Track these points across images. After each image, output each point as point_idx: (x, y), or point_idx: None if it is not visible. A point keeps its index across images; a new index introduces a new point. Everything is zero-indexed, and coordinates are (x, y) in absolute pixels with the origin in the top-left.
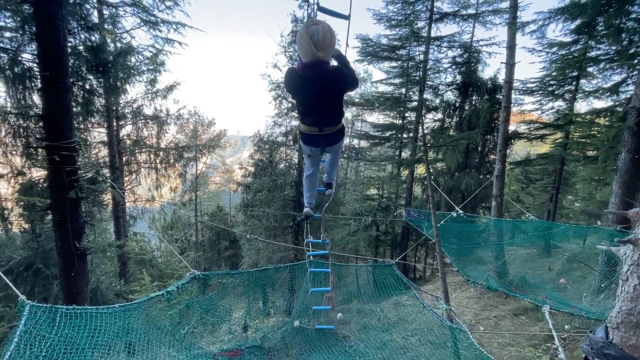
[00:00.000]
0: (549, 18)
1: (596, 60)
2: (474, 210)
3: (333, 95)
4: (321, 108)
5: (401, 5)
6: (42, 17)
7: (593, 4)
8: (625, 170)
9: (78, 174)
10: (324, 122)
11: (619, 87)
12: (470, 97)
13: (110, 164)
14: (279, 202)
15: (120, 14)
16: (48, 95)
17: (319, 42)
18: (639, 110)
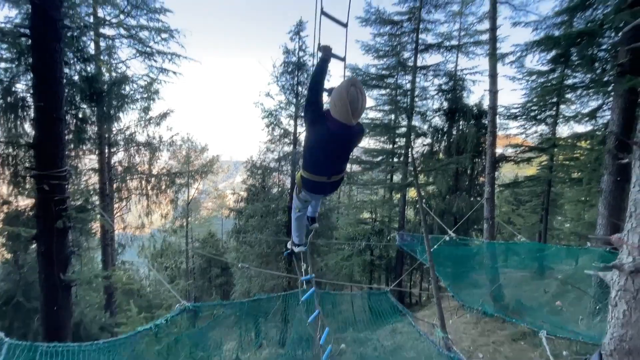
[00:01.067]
0: (526, 50)
1: (573, 88)
2: (467, 233)
3: (351, 150)
4: (339, 160)
5: (388, 38)
6: (39, 50)
7: (565, 38)
8: (609, 192)
9: (67, 202)
10: (335, 172)
11: (596, 112)
12: (457, 122)
13: (101, 191)
14: (272, 227)
15: (116, 45)
16: (41, 125)
17: (357, 110)
18: (617, 135)
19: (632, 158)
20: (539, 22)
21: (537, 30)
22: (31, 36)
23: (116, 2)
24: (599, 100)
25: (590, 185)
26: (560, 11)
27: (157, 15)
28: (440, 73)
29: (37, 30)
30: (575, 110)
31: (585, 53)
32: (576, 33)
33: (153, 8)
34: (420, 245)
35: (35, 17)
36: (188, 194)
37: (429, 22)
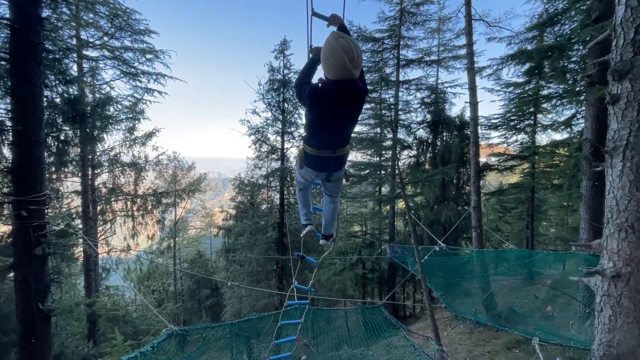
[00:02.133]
0: (501, 63)
1: (548, 98)
2: (456, 242)
3: (357, 114)
4: (345, 128)
5: (370, 54)
6: (18, 73)
7: (537, 51)
8: (589, 197)
9: (46, 228)
10: (341, 144)
11: (571, 121)
12: (441, 134)
13: (84, 214)
14: (262, 245)
15: (100, 67)
16: (19, 149)
17: (354, 59)
18: (592, 142)
19: (604, 166)
20: (512, 37)
21: (510, 45)
22: (10, 60)
23: (100, 25)
24: (573, 109)
25: (571, 191)
26: (531, 27)
27: (142, 37)
28: (422, 87)
29: (16, 54)
30: (552, 119)
31: (556, 65)
32: (547, 47)
33: (137, 30)
34: (411, 257)
35: (14, 41)
36: (175, 214)
37: (409, 39)
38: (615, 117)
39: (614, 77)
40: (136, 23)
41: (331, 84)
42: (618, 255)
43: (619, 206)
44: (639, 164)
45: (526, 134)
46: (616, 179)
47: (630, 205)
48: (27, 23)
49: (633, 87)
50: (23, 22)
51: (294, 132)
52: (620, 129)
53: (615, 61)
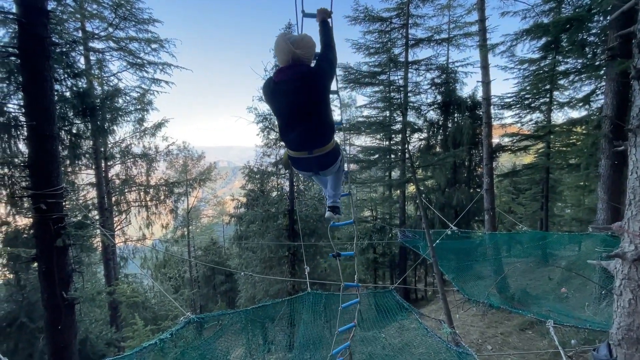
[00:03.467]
0: (516, 39)
1: (565, 74)
2: (468, 225)
3: (314, 98)
4: (304, 124)
5: (378, 35)
6: (28, 69)
7: (554, 25)
8: (608, 176)
9: (65, 220)
10: (312, 144)
11: (589, 97)
12: (452, 115)
13: (99, 206)
14: (273, 232)
15: (106, 59)
16: (34, 144)
17: (296, 40)
18: (612, 119)
19: (627, 145)
20: (527, 11)
21: (525, 19)
22: (20, 55)
23: (104, 16)
24: (592, 85)
25: (589, 171)
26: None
27: (146, 26)
28: (432, 67)
29: (26, 49)
30: (569, 96)
31: (575, 39)
32: (565, 19)
33: (141, 19)
34: (423, 241)
35: (22, 37)
36: (187, 203)
37: (418, 17)
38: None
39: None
40: (140, 12)
41: (277, 72)
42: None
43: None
44: None
45: (541, 113)
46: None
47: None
48: (34, 17)
49: None
50: (30, 16)
51: None
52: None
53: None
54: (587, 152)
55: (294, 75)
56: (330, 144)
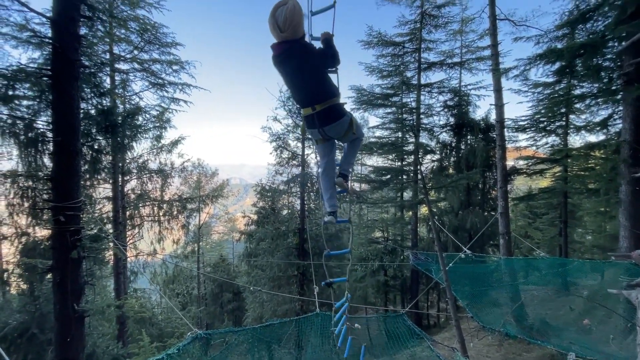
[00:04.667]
0: (529, 63)
1: (581, 97)
2: (483, 249)
3: (309, 69)
4: (304, 84)
5: (390, 58)
6: (59, 88)
7: (568, 50)
8: (629, 202)
9: (81, 232)
10: (313, 99)
11: (607, 121)
12: (465, 137)
13: (114, 219)
14: (283, 250)
15: (130, 78)
16: (59, 158)
17: (283, 23)
18: (631, 144)
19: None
20: (540, 36)
21: (539, 44)
22: (51, 76)
23: (130, 40)
24: (609, 109)
25: (609, 196)
26: (561, 25)
27: (169, 49)
28: (445, 90)
29: (57, 70)
30: (586, 120)
31: (589, 63)
32: (579, 45)
33: (165, 43)
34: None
35: (55, 59)
36: (199, 219)
37: (430, 42)
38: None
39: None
40: (164, 36)
41: (274, 46)
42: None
43: None
44: None
45: (557, 136)
46: None
47: None
48: (67, 41)
49: None
50: (63, 40)
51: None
52: None
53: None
54: (607, 177)
55: (287, 51)
56: (331, 101)
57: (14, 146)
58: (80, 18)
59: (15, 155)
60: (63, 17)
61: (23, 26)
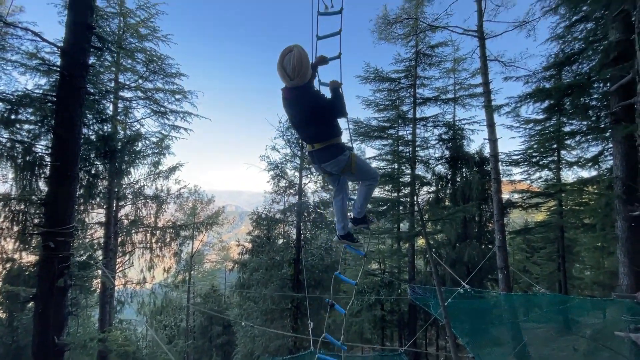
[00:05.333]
0: (520, 101)
1: (572, 134)
2: (481, 284)
3: (314, 115)
4: (307, 126)
5: (387, 93)
6: (62, 114)
7: (556, 90)
8: (626, 239)
9: (70, 259)
10: (313, 138)
11: (598, 158)
12: (461, 170)
13: (105, 246)
14: (277, 281)
15: (133, 106)
16: (55, 183)
17: (292, 72)
18: (623, 180)
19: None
20: (529, 76)
21: (528, 84)
22: (56, 102)
23: (136, 70)
24: (599, 146)
25: (605, 232)
26: (548, 66)
27: (173, 79)
28: (440, 123)
29: (62, 97)
30: (577, 156)
31: (578, 102)
32: (566, 85)
33: (170, 73)
34: (434, 299)
35: (62, 86)
36: (192, 247)
37: (425, 78)
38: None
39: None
40: (169, 67)
41: (284, 90)
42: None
43: None
44: None
45: (550, 171)
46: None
47: None
48: (75, 70)
49: None
50: (72, 69)
51: (311, 167)
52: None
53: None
54: (602, 213)
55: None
56: (329, 141)
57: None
58: (90, 48)
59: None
60: (73, 47)
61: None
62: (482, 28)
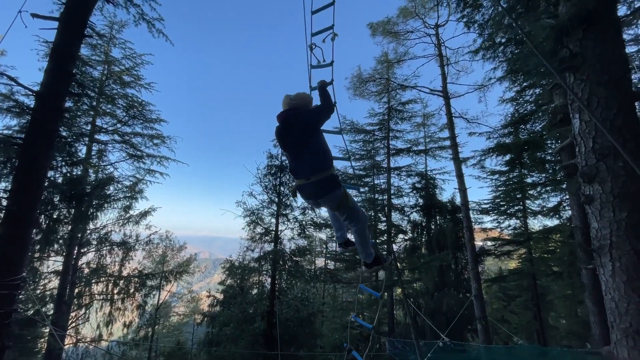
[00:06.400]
0: (484, 155)
1: (533, 185)
2: (462, 335)
3: (309, 132)
4: (303, 152)
5: (362, 144)
6: (27, 157)
7: (514, 145)
8: (593, 287)
9: (12, 316)
10: (309, 170)
11: (558, 208)
12: (435, 217)
13: (58, 298)
14: (248, 337)
15: (108, 149)
16: (8, 228)
17: (295, 95)
18: (583, 230)
19: (595, 264)
20: (490, 132)
21: (490, 139)
22: (22, 144)
23: (115, 114)
24: (558, 197)
25: (573, 280)
26: (506, 124)
27: (152, 124)
28: (412, 173)
29: (30, 139)
30: (540, 205)
31: (535, 157)
32: (523, 142)
33: (149, 119)
34: (413, 354)
35: (32, 129)
36: (158, 298)
37: (397, 131)
38: (594, 216)
39: (584, 180)
40: (149, 113)
41: (279, 116)
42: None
43: (619, 309)
44: (629, 264)
45: (518, 219)
46: (609, 279)
47: (631, 309)
48: (49, 113)
49: (604, 190)
50: (45, 112)
51: (288, 214)
52: (601, 228)
53: (582, 165)
54: (567, 261)
55: (291, 114)
56: (325, 173)
57: None
58: (67, 94)
59: None
60: (49, 92)
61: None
62: (447, 89)
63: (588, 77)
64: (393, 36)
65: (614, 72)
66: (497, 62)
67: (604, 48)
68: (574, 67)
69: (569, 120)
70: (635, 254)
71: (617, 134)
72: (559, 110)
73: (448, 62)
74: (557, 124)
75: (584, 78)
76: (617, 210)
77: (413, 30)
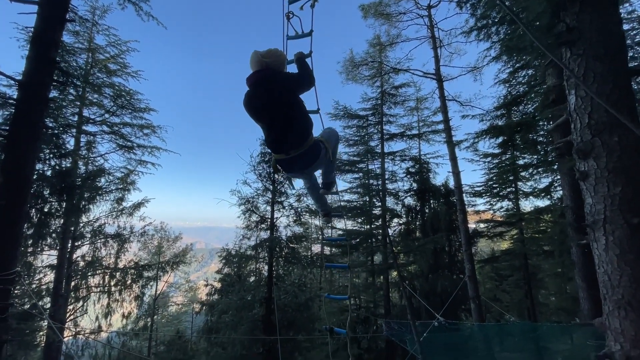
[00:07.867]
0: (477, 137)
1: (525, 167)
2: (456, 314)
3: (285, 99)
4: (280, 124)
5: (356, 129)
6: (13, 150)
7: (507, 127)
8: (582, 264)
9: (8, 310)
10: (287, 143)
11: (549, 189)
12: (429, 202)
13: (54, 292)
14: (247, 323)
15: (97, 140)
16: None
17: (265, 51)
18: (573, 209)
19: (589, 239)
20: (483, 115)
21: (483, 121)
22: (7, 137)
23: (103, 104)
24: (549, 177)
25: (563, 258)
26: (499, 106)
27: (141, 114)
28: (406, 158)
29: (15, 132)
30: (532, 187)
31: (527, 138)
32: (515, 123)
33: (138, 108)
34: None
35: (16, 120)
36: (156, 289)
37: (391, 116)
38: (588, 192)
39: (579, 156)
40: (137, 102)
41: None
42: (623, 335)
43: (611, 281)
44: (622, 237)
45: (510, 201)
46: (603, 253)
47: (623, 281)
48: (33, 104)
49: (599, 165)
50: (29, 102)
51: (284, 201)
52: (596, 203)
53: (577, 142)
54: (558, 240)
55: (264, 77)
56: (305, 144)
57: None
58: (51, 82)
59: None
60: (33, 81)
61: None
62: (440, 72)
63: (585, 51)
64: (385, 18)
65: (610, 47)
66: (491, 42)
67: (601, 22)
68: (570, 42)
69: (562, 100)
70: (628, 227)
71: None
72: (551, 90)
73: (441, 44)
74: (550, 104)
75: (580, 53)
76: (611, 185)
77: (405, 11)
